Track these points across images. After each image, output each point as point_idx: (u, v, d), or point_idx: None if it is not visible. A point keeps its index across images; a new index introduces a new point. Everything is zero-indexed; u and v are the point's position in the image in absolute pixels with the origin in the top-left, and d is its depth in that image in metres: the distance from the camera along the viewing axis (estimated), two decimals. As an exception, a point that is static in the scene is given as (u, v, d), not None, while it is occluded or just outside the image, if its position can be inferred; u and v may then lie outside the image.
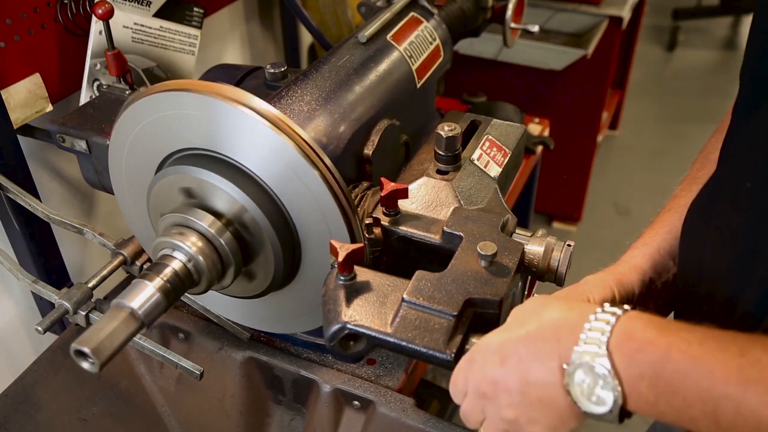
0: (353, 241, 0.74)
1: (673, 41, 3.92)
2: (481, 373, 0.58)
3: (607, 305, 0.53)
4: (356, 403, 0.89)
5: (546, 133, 1.48)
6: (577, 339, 0.52)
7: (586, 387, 0.51)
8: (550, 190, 2.40)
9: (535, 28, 1.23)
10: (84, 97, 1.06)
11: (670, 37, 3.93)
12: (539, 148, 1.41)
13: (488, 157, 0.87)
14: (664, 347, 0.48)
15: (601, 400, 0.51)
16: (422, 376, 1.19)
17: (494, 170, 0.87)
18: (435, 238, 0.76)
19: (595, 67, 2.18)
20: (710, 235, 0.63)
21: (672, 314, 0.73)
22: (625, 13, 2.15)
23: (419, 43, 1.01)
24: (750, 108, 0.62)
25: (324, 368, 0.92)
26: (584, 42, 2.11)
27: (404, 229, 0.77)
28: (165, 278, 0.68)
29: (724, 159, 0.65)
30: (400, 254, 0.79)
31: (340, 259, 0.65)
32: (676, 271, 0.71)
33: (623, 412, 0.52)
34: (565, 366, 0.52)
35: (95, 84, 1.07)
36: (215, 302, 0.90)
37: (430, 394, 1.75)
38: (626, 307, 0.53)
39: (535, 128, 1.46)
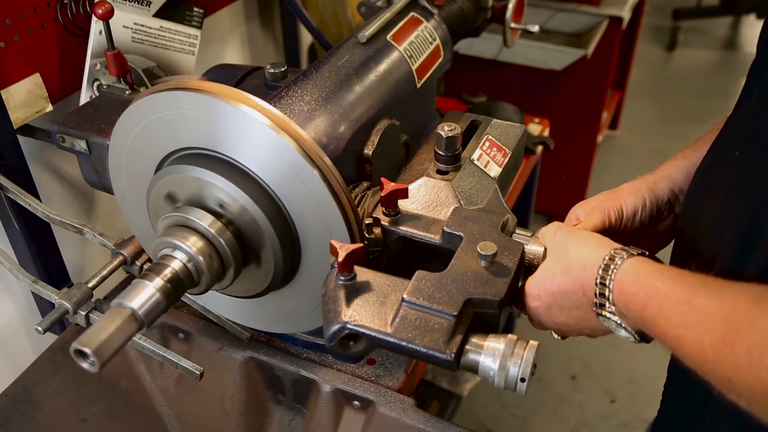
0: (353, 241, 0.74)
1: (673, 41, 3.92)
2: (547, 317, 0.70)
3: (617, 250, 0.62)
4: (356, 403, 0.89)
5: (546, 133, 1.48)
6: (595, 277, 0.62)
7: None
8: (550, 190, 2.40)
9: (535, 28, 1.24)
10: (84, 97, 1.06)
11: (670, 37, 3.93)
12: (539, 148, 1.41)
13: (488, 157, 0.87)
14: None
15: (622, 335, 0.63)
16: (422, 376, 1.19)
17: (494, 170, 0.87)
18: (435, 238, 0.76)
19: (595, 67, 2.18)
20: (707, 198, 0.67)
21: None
22: (625, 13, 2.15)
23: (419, 43, 1.01)
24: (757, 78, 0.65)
25: (324, 368, 0.92)
26: (584, 42, 2.11)
27: (404, 229, 0.77)
28: (165, 278, 0.68)
29: (725, 127, 0.69)
30: (400, 254, 0.79)
31: (340, 259, 0.65)
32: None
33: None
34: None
35: (95, 84, 1.07)
36: (215, 302, 0.90)
37: (430, 394, 1.75)
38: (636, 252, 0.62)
39: (535, 128, 1.46)
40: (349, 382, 0.89)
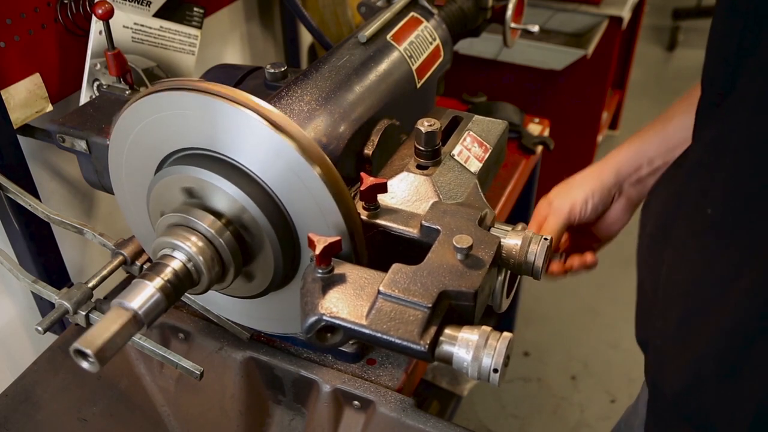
0: (354, 240, 0.74)
1: (673, 41, 3.92)
2: None
3: None
4: (356, 403, 0.89)
5: (546, 133, 1.48)
6: None
7: None
8: (550, 190, 2.40)
9: (535, 28, 1.23)
10: (84, 97, 1.06)
11: (670, 37, 3.93)
12: (539, 148, 1.41)
13: (469, 152, 0.88)
14: None
15: None
16: (422, 376, 1.19)
17: (474, 165, 0.88)
18: (413, 231, 0.76)
19: (595, 67, 2.18)
20: (668, 254, 0.64)
21: None
22: (625, 13, 2.15)
23: (419, 43, 1.01)
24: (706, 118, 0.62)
25: (324, 368, 0.92)
26: (584, 42, 2.11)
27: (383, 222, 0.78)
28: (165, 278, 0.68)
29: (688, 173, 0.64)
30: (380, 248, 0.79)
31: (317, 252, 0.66)
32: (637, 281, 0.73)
33: None
34: None
35: (95, 84, 1.07)
36: (215, 302, 0.90)
37: (430, 394, 1.75)
38: None
39: (535, 128, 1.46)
40: (349, 382, 0.89)
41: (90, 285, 0.83)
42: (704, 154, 0.60)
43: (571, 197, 0.91)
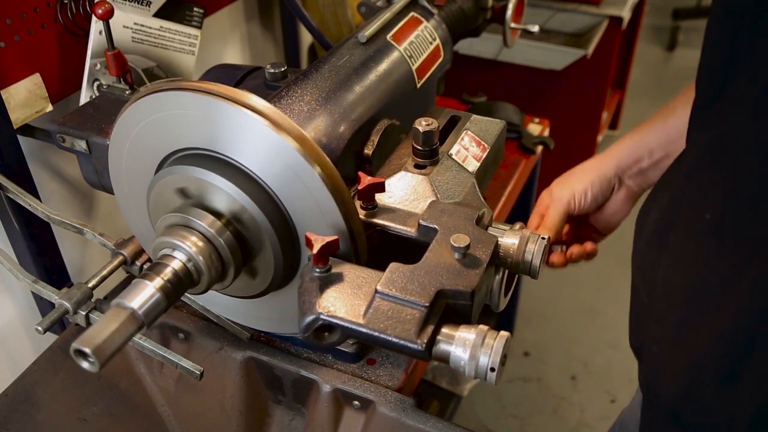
0: (353, 240, 0.74)
1: (673, 41, 3.92)
2: None
3: None
4: (356, 403, 0.89)
5: (546, 133, 1.48)
6: None
7: None
8: (550, 189, 2.40)
9: (535, 28, 1.23)
10: (84, 97, 1.06)
11: (670, 37, 3.93)
12: (539, 148, 1.41)
13: (466, 152, 0.89)
14: None
15: None
16: (422, 376, 1.19)
17: (472, 165, 0.88)
18: (411, 231, 0.76)
19: (595, 67, 2.18)
20: (666, 257, 0.63)
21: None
22: (625, 13, 2.15)
23: (419, 43, 1.01)
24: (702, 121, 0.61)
25: (324, 368, 0.92)
26: (584, 42, 2.11)
27: (381, 222, 0.78)
28: (165, 278, 0.68)
29: (685, 176, 0.63)
30: (378, 247, 0.79)
31: (315, 251, 0.66)
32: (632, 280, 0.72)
33: None
34: None
35: (95, 84, 1.07)
36: (215, 302, 0.90)
37: (430, 394, 1.75)
38: None
39: (535, 128, 1.46)
40: (349, 382, 0.89)
41: (90, 285, 0.83)
42: (702, 157, 0.60)
43: (571, 187, 0.92)
